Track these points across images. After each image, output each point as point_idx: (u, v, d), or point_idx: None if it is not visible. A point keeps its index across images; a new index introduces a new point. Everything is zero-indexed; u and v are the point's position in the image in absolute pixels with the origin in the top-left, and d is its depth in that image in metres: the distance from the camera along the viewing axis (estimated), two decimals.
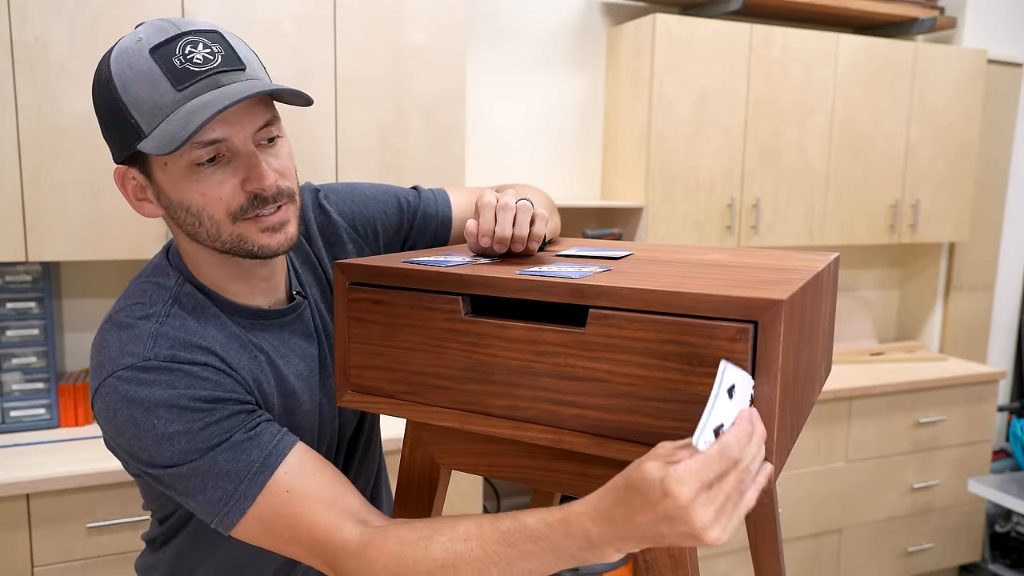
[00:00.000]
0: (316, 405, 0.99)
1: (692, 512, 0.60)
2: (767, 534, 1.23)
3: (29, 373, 2.15)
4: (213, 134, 0.81)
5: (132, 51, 0.81)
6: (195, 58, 0.80)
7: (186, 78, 0.79)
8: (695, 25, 2.69)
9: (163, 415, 0.81)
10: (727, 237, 2.86)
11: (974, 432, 3.15)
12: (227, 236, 0.86)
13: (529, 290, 0.76)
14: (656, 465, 0.62)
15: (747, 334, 0.67)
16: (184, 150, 0.81)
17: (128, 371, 0.82)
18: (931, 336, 3.51)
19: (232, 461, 0.81)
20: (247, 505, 0.81)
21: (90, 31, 1.94)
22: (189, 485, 0.82)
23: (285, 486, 0.82)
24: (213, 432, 0.82)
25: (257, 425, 0.84)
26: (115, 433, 0.83)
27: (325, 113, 2.18)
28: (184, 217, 0.86)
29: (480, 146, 2.77)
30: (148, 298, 0.89)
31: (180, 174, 0.83)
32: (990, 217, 3.54)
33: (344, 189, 1.10)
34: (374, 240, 1.09)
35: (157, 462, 0.82)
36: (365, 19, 2.20)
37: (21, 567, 1.84)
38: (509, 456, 0.85)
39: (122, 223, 2.02)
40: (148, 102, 0.80)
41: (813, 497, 2.89)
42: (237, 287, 0.93)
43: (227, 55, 0.82)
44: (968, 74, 3.17)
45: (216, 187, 0.83)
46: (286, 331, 0.97)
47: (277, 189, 0.86)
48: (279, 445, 0.84)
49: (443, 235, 1.12)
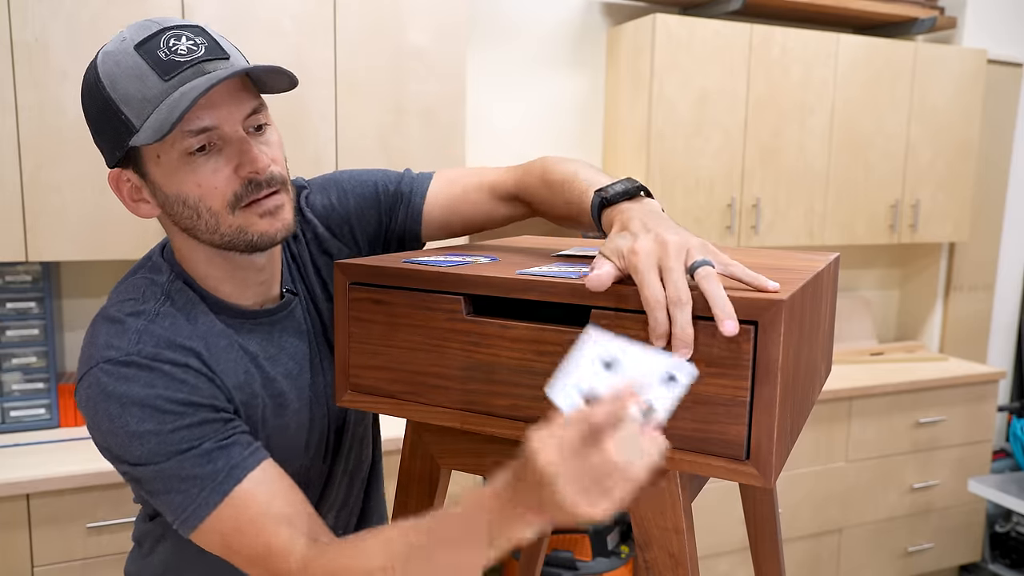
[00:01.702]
0: (305, 404, 0.99)
1: (556, 480, 0.60)
2: (767, 534, 1.23)
3: (29, 373, 2.15)
4: (202, 122, 0.81)
5: (118, 51, 0.82)
6: (180, 49, 0.81)
7: (172, 68, 0.80)
8: (695, 25, 2.69)
9: (136, 413, 0.81)
10: (727, 237, 2.85)
11: (974, 432, 3.15)
12: (226, 228, 0.86)
13: (530, 290, 0.76)
14: (535, 434, 0.63)
15: (748, 334, 0.67)
16: (175, 139, 0.81)
17: (110, 364, 0.83)
18: (931, 336, 3.51)
19: (198, 468, 0.82)
20: (206, 513, 0.82)
21: (90, 31, 1.94)
22: (155, 485, 0.83)
23: (246, 499, 0.82)
24: (183, 436, 0.82)
25: (230, 436, 0.85)
26: (92, 425, 0.85)
27: (325, 113, 2.18)
28: (181, 211, 0.86)
29: (480, 146, 2.77)
30: (141, 294, 0.90)
31: (174, 166, 0.83)
32: (990, 217, 3.54)
33: (321, 184, 1.07)
34: (351, 238, 1.06)
35: (127, 458, 0.83)
36: (365, 19, 2.20)
37: (21, 567, 1.84)
38: (510, 456, 0.85)
39: (122, 223, 2.02)
40: (137, 96, 0.80)
41: (813, 497, 2.89)
42: (229, 287, 0.93)
43: (211, 46, 0.83)
44: (968, 74, 3.17)
45: (211, 176, 0.84)
46: (276, 330, 0.97)
47: (271, 173, 0.86)
48: (247, 459, 0.84)
49: (413, 228, 1.06)
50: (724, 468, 0.70)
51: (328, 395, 1.03)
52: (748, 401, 0.68)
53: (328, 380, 1.02)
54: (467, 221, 1.08)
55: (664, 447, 0.63)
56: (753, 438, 0.69)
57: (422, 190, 1.07)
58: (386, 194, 1.07)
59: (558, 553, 2.56)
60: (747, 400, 0.68)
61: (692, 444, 0.71)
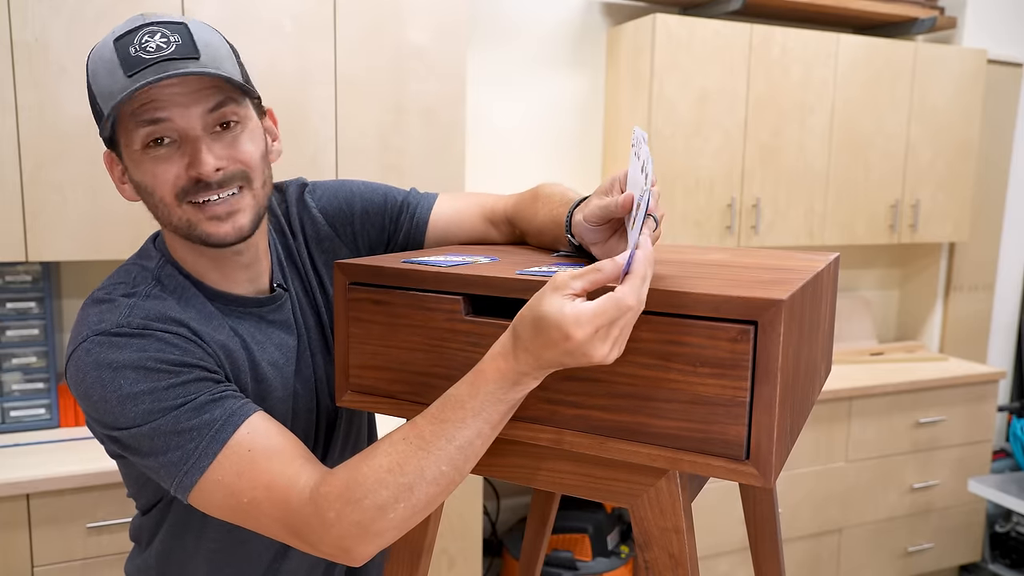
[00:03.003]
0: (289, 394, 0.99)
1: (590, 347, 0.67)
2: (767, 534, 1.23)
3: (29, 373, 2.15)
4: (156, 113, 0.84)
5: (103, 43, 0.86)
6: (149, 47, 0.83)
7: (136, 65, 0.82)
8: (695, 25, 2.69)
9: (130, 376, 0.82)
10: (727, 237, 2.86)
11: (974, 432, 3.15)
12: (176, 219, 0.88)
13: (529, 290, 0.76)
14: (555, 304, 0.68)
15: (748, 335, 0.67)
16: (132, 129, 0.85)
17: (101, 336, 0.84)
18: (931, 336, 3.51)
19: (194, 419, 0.82)
20: (207, 463, 0.81)
21: (90, 31, 1.94)
22: (152, 445, 0.82)
23: (247, 445, 0.81)
24: (178, 393, 0.82)
25: (223, 392, 0.85)
26: (83, 397, 0.85)
27: (325, 113, 2.18)
28: (145, 198, 0.90)
29: (480, 146, 2.77)
30: (131, 279, 0.92)
31: (137, 156, 0.87)
32: (990, 217, 3.54)
33: (331, 186, 1.10)
34: (352, 239, 1.09)
35: (120, 424, 0.83)
36: (365, 19, 2.20)
37: (21, 567, 1.84)
38: (509, 456, 0.85)
39: (122, 223, 2.02)
40: (106, 90, 0.84)
41: (813, 497, 2.89)
42: (216, 275, 0.96)
43: (183, 44, 0.84)
44: (968, 74, 3.17)
45: (163, 169, 0.86)
46: (265, 321, 0.99)
47: (222, 175, 0.87)
48: (242, 408, 0.84)
49: (416, 238, 1.11)
50: (724, 468, 0.70)
51: (318, 391, 1.03)
52: (748, 401, 0.68)
53: (319, 375, 1.03)
54: (463, 241, 1.12)
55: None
56: (753, 438, 0.69)
57: (428, 204, 1.12)
58: (393, 203, 1.11)
59: (558, 553, 2.56)
60: (747, 400, 0.68)
61: (692, 444, 0.71)
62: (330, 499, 0.76)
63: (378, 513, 0.75)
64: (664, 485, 0.77)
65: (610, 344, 0.68)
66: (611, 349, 0.68)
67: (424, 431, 0.75)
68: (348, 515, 0.75)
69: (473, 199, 1.14)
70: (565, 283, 0.68)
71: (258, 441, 0.82)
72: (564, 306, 0.67)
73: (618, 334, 0.68)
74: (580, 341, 0.67)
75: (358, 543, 0.77)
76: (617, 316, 0.66)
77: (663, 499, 0.77)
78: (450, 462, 0.74)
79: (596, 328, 0.66)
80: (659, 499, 0.77)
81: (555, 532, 2.61)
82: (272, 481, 0.80)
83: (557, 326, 0.67)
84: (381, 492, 0.75)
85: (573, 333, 0.66)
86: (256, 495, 0.80)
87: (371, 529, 0.76)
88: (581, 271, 0.68)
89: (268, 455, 0.81)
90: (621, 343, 0.69)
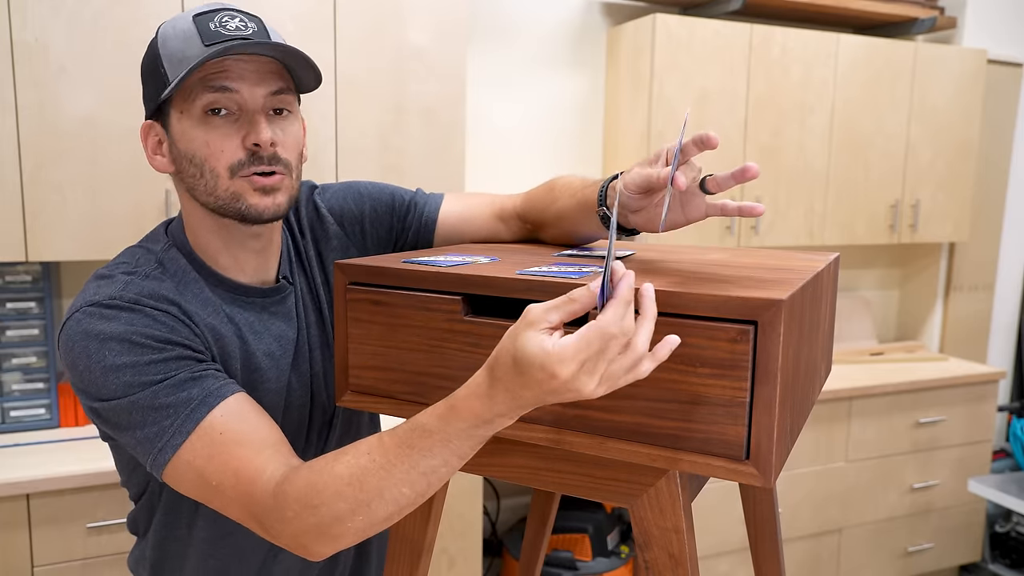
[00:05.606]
0: (283, 386, 1.00)
1: (577, 383, 0.64)
2: (767, 534, 1.23)
3: (29, 373, 2.15)
4: (225, 82, 0.87)
5: (180, 17, 0.90)
6: (228, 26, 0.88)
7: (215, 38, 0.86)
8: (695, 25, 2.69)
9: (115, 348, 0.83)
10: (727, 237, 2.85)
11: (974, 432, 3.15)
12: (223, 191, 0.90)
13: (530, 290, 0.76)
14: (534, 341, 0.63)
15: (747, 335, 0.67)
16: (197, 94, 0.87)
17: (93, 307, 0.85)
18: (931, 336, 3.51)
19: (171, 396, 0.82)
20: (180, 440, 0.82)
21: (90, 31, 1.94)
22: (130, 419, 0.83)
23: (219, 428, 0.82)
24: (159, 368, 0.83)
25: (204, 371, 0.86)
26: (71, 367, 0.86)
27: (325, 113, 2.18)
28: (187, 168, 0.91)
29: (480, 146, 2.77)
30: (135, 259, 0.94)
31: (192, 122, 0.88)
32: (990, 217, 3.54)
33: (340, 187, 1.12)
34: (360, 239, 1.10)
35: (102, 394, 0.84)
36: (365, 19, 2.20)
37: (21, 567, 1.84)
38: (509, 456, 0.85)
39: (122, 223, 2.02)
40: (178, 54, 0.87)
41: (813, 497, 2.89)
42: (227, 259, 0.97)
43: (259, 31, 0.90)
44: (968, 74, 3.17)
45: (220, 139, 0.88)
46: (266, 312, 1.00)
47: (274, 153, 0.90)
48: (220, 389, 0.85)
49: (426, 236, 1.12)
50: (724, 468, 0.70)
51: (314, 386, 1.04)
52: (748, 401, 0.68)
53: (315, 371, 1.03)
54: (473, 239, 1.13)
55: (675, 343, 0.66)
56: (753, 438, 0.69)
57: (436, 203, 1.13)
58: (401, 203, 1.12)
59: (558, 553, 2.56)
60: (747, 400, 0.68)
61: (692, 444, 0.71)
62: (289, 499, 0.77)
63: (335, 521, 0.75)
64: (664, 485, 0.77)
65: (597, 378, 0.64)
66: (598, 384, 0.64)
67: (390, 452, 0.73)
68: (306, 518, 0.76)
69: (481, 197, 1.15)
70: (540, 318, 0.64)
71: (231, 424, 0.83)
72: (544, 343, 0.63)
73: (605, 367, 0.64)
74: (566, 379, 0.63)
75: (315, 543, 0.77)
76: (602, 347, 0.63)
77: (663, 499, 0.77)
78: (411, 486, 0.73)
79: (581, 363, 0.63)
80: (659, 499, 0.77)
81: (555, 532, 2.61)
82: (240, 468, 0.80)
83: (541, 366, 0.63)
84: (338, 504, 0.75)
85: (558, 372, 0.63)
86: (224, 479, 0.81)
87: (328, 533, 0.76)
88: (555, 303, 0.65)
89: (239, 440, 0.82)
90: (609, 376, 0.65)
